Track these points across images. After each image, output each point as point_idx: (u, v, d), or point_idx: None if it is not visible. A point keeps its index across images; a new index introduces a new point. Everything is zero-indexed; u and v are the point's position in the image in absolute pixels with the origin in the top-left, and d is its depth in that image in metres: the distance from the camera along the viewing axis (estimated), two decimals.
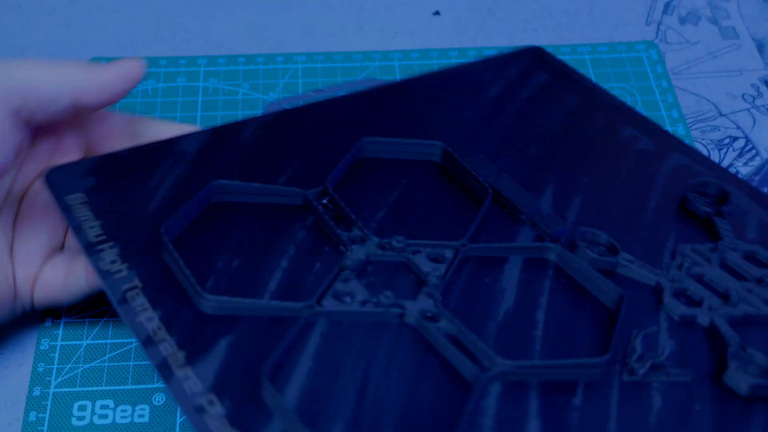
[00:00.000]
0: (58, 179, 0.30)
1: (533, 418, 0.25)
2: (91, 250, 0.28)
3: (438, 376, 0.26)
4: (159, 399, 0.32)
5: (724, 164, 0.42)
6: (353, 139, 0.35)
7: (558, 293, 0.30)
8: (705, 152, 0.43)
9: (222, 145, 0.33)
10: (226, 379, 0.25)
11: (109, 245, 0.28)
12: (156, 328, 0.26)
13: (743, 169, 0.42)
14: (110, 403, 0.32)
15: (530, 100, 0.40)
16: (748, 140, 0.44)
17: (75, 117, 0.32)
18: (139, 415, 0.31)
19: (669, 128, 0.44)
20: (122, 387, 0.32)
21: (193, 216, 0.30)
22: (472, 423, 0.25)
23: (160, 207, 0.30)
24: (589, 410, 0.26)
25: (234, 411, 0.24)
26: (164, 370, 0.24)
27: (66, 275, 0.32)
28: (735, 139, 0.44)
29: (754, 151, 0.43)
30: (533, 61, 0.42)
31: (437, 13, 0.50)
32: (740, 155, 0.43)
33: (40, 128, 0.31)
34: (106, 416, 0.31)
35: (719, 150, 0.43)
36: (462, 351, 0.27)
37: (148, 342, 0.25)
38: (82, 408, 0.31)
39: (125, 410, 0.32)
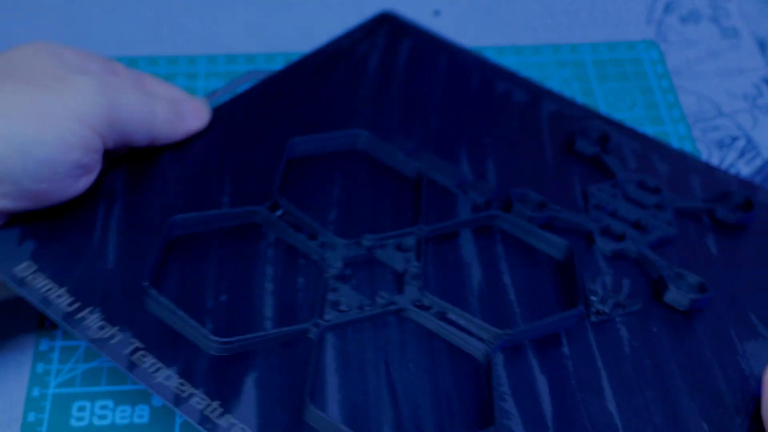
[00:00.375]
0: None
1: (539, 375, 0.28)
2: (71, 320, 0.27)
3: (450, 359, 0.28)
4: (158, 400, 0.32)
5: (725, 164, 0.42)
6: (265, 138, 0.36)
7: (512, 255, 0.33)
8: (706, 152, 0.43)
9: (150, 177, 0.33)
10: (268, 415, 0.25)
11: (89, 311, 0.27)
12: (179, 384, 0.26)
13: (744, 169, 0.42)
14: (110, 403, 0.32)
15: (408, 69, 0.41)
16: (749, 140, 0.43)
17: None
18: (139, 416, 0.31)
19: (669, 128, 0.43)
20: (122, 388, 0.32)
21: (158, 257, 0.30)
22: (499, 396, 0.27)
23: (119, 256, 0.30)
24: (578, 355, 0.29)
25: None
26: (207, 424, 0.25)
27: None
28: (736, 138, 0.44)
29: (755, 151, 0.43)
30: (392, 28, 0.43)
31: (437, 13, 0.50)
32: (741, 155, 0.43)
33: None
34: (105, 417, 0.31)
35: (720, 150, 0.43)
36: (462, 330, 0.29)
37: (178, 401, 0.25)
38: (81, 409, 0.31)
39: (125, 411, 0.32)
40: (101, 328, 0.27)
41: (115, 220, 0.31)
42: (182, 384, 0.26)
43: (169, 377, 0.26)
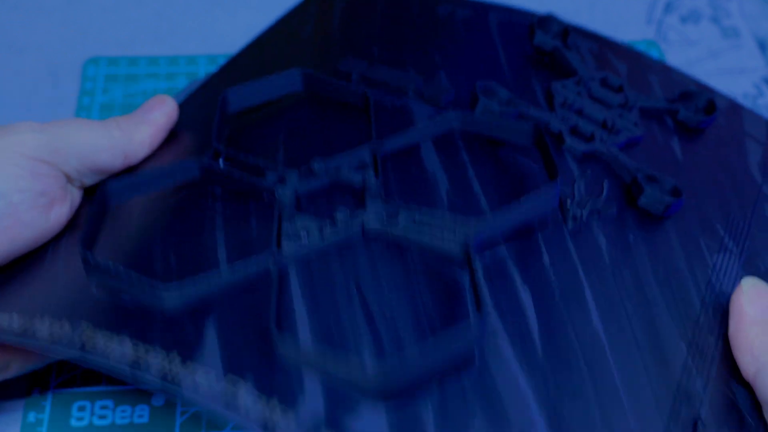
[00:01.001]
0: None
1: (521, 287, 0.27)
2: (25, 336, 0.25)
3: (425, 272, 0.27)
4: (158, 400, 0.32)
5: None
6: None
7: (479, 157, 0.31)
8: None
9: None
10: (235, 357, 0.24)
11: (38, 321, 0.26)
12: (133, 346, 0.24)
13: None
14: (110, 403, 0.32)
15: (348, 6, 0.40)
16: None
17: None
18: (139, 416, 0.31)
19: None
20: (122, 387, 0.32)
21: (92, 226, 0.28)
22: (479, 302, 0.25)
23: (63, 257, 0.28)
24: (559, 265, 0.28)
25: (260, 380, 0.23)
26: (168, 377, 0.23)
27: None
28: None
29: None
30: None
31: None
32: None
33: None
34: (105, 417, 0.31)
35: None
36: (436, 236, 0.27)
37: (135, 366, 0.24)
38: (81, 409, 0.31)
39: (125, 411, 0.31)
40: (50, 326, 0.25)
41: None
42: (136, 345, 0.24)
43: (123, 341, 0.24)
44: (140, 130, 0.32)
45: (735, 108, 0.37)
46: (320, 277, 0.26)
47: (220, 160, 0.30)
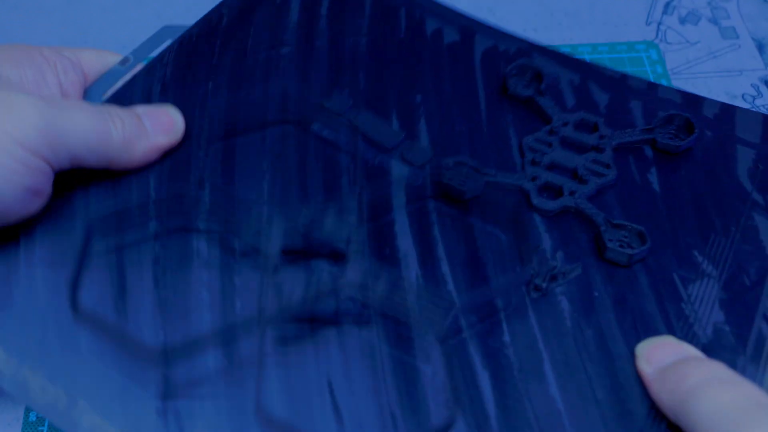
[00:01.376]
0: None
1: (481, 372, 0.27)
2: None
3: (391, 362, 0.27)
4: None
5: None
6: (187, 105, 0.34)
7: (451, 233, 0.31)
8: None
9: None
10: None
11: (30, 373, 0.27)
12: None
13: None
14: None
15: (333, 17, 0.39)
16: None
17: None
18: None
19: None
20: None
21: (77, 269, 0.29)
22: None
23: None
24: (519, 342, 0.28)
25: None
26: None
27: None
28: None
29: None
30: None
31: None
32: None
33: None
34: None
35: None
36: (403, 319, 0.28)
37: None
38: None
39: None
40: (42, 388, 0.26)
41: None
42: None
43: None
44: (139, 146, 0.30)
45: (726, 112, 0.36)
46: (296, 374, 0.27)
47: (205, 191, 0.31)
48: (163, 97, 0.34)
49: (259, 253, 0.30)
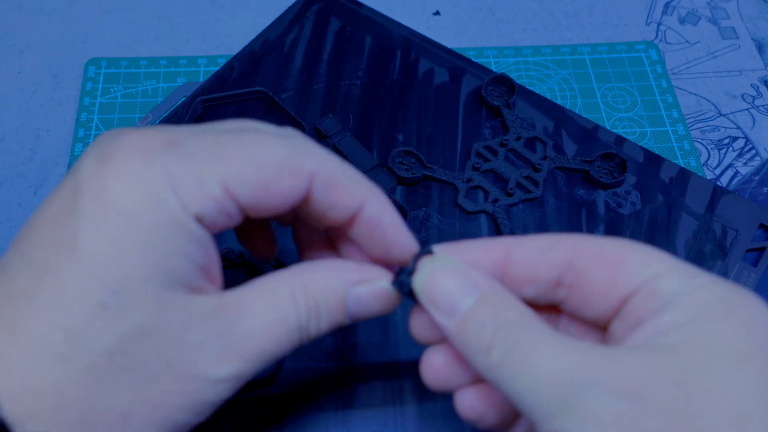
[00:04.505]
0: None
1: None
2: None
3: None
4: None
5: (724, 164, 0.42)
6: None
7: None
8: (705, 152, 0.43)
9: None
10: None
11: None
12: None
13: (743, 169, 0.42)
14: None
15: (335, 52, 0.43)
16: (747, 140, 0.44)
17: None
18: None
19: (669, 128, 0.44)
20: None
21: None
22: None
23: None
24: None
25: None
26: None
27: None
28: (735, 139, 0.44)
29: (753, 151, 0.43)
30: (322, 4, 0.45)
31: (437, 13, 0.50)
32: (740, 155, 0.43)
33: None
34: None
35: (719, 150, 0.43)
36: None
37: None
38: None
39: None
40: None
41: None
42: None
43: None
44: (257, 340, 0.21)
45: (683, 176, 0.38)
46: None
47: None
48: None
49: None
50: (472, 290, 0.21)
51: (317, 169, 0.21)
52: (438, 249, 0.23)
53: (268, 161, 0.20)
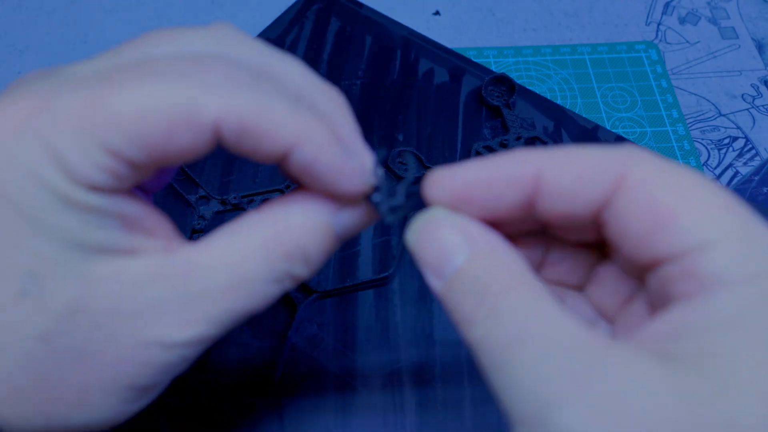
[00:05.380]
0: None
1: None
2: None
3: None
4: None
5: (724, 164, 0.42)
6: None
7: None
8: (705, 152, 0.43)
9: None
10: None
11: None
12: None
13: (743, 169, 0.42)
14: None
15: (335, 52, 0.44)
16: (747, 140, 0.44)
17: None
18: None
19: (669, 128, 0.44)
20: None
21: None
22: None
23: None
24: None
25: None
26: None
27: None
28: (735, 139, 0.44)
29: (753, 151, 0.43)
30: (322, 4, 0.46)
31: (437, 13, 0.50)
32: (740, 155, 0.43)
33: None
34: None
35: (719, 150, 0.43)
36: None
37: None
38: None
39: None
40: None
41: None
42: None
43: None
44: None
45: None
46: None
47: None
48: None
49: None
50: (461, 248, 0.18)
51: (222, 115, 0.17)
52: (438, 173, 0.19)
53: (158, 114, 0.17)
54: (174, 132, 0.17)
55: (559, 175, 0.18)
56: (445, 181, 0.19)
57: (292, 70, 0.20)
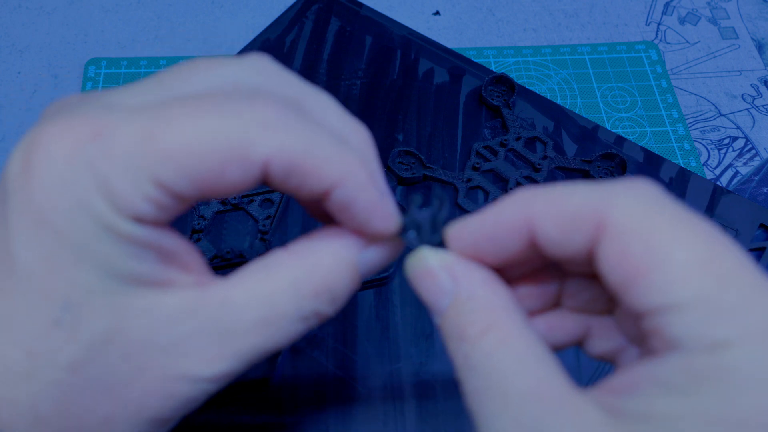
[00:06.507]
0: None
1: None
2: None
3: None
4: None
5: (724, 164, 0.42)
6: None
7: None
8: (705, 152, 0.43)
9: None
10: None
11: None
12: None
13: (743, 169, 0.42)
14: None
15: (335, 52, 0.44)
16: (747, 140, 0.44)
17: None
18: None
19: (669, 128, 0.44)
20: None
21: None
22: None
23: None
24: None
25: None
26: None
27: None
28: (735, 139, 0.44)
29: (753, 151, 0.43)
30: (322, 4, 0.46)
31: (437, 13, 0.50)
32: (740, 155, 0.43)
33: None
34: None
35: (719, 150, 0.43)
36: None
37: None
38: None
39: None
40: None
41: None
42: None
43: None
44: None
45: (682, 176, 0.39)
46: None
47: None
48: None
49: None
50: (449, 292, 0.19)
51: (273, 153, 0.18)
52: (454, 230, 0.20)
53: (211, 151, 0.17)
54: (225, 168, 0.17)
55: (545, 226, 0.18)
56: (456, 239, 0.20)
57: (326, 105, 0.20)
